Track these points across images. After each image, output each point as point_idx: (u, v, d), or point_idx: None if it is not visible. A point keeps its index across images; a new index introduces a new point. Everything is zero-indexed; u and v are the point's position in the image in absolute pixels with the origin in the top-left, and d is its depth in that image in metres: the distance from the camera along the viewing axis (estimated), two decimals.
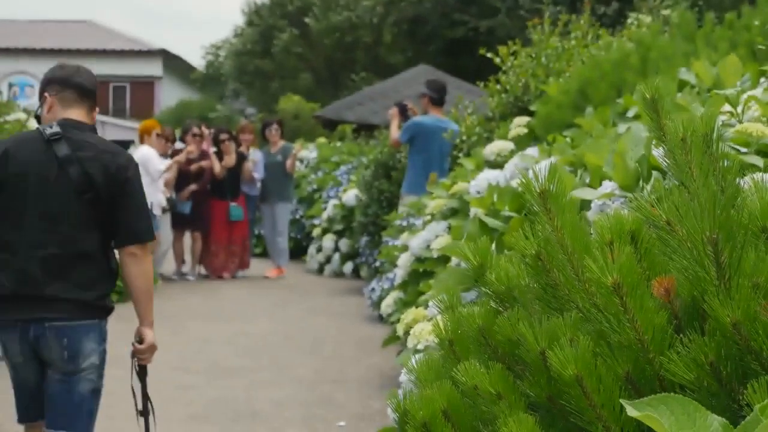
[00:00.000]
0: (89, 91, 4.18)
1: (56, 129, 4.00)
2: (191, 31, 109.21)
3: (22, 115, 13.34)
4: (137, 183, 4.09)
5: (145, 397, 4.29)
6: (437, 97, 10.18)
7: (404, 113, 10.86)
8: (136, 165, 4.19)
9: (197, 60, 47.86)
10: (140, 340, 4.17)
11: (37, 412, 4.08)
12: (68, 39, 40.62)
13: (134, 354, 4.18)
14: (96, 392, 4.07)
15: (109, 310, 4.10)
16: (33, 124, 13.31)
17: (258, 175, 13.83)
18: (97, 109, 4.28)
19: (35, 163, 3.98)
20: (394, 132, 10.57)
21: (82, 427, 4.03)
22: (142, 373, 4.27)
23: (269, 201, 14.07)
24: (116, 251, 4.10)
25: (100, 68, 39.79)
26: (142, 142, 12.38)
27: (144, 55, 40.65)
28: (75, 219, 3.96)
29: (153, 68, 40.73)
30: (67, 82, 4.15)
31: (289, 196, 14.46)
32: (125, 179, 4.00)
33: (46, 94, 4.15)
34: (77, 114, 4.11)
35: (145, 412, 4.31)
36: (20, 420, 4.16)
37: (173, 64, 42.47)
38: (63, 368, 3.95)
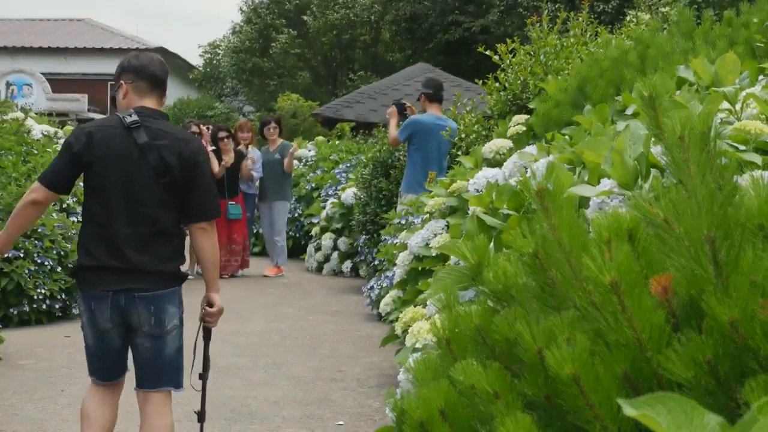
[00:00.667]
0: (161, 81, 4.64)
1: (135, 117, 4.44)
2: (188, 29, 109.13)
3: (19, 114, 13.33)
4: (206, 167, 4.62)
5: (206, 358, 4.78)
6: (434, 93, 10.22)
7: (402, 112, 10.92)
8: (206, 150, 4.75)
9: (195, 58, 47.84)
10: (210, 304, 4.65)
11: (114, 373, 4.57)
12: (66, 37, 40.57)
13: (203, 318, 4.67)
14: (180, 349, 4.53)
15: (184, 279, 4.58)
16: (30, 122, 13.31)
17: (257, 173, 13.81)
18: (167, 96, 4.71)
19: (118, 148, 4.41)
20: (393, 131, 10.61)
21: (177, 380, 4.52)
22: (207, 335, 4.79)
23: (267, 200, 14.07)
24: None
25: (97, 67, 39.87)
26: None
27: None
28: (155, 201, 4.42)
29: None
30: (142, 72, 4.58)
31: (288, 194, 14.45)
32: (196, 163, 4.46)
33: (121, 81, 4.59)
34: (150, 102, 4.56)
35: (204, 369, 4.79)
36: (99, 378, 4.55)
37: (171, 62, 42.35)
38: (151, 332, 4.41)
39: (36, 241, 9.58)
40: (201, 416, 4.91)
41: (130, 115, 4.44)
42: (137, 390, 4.57)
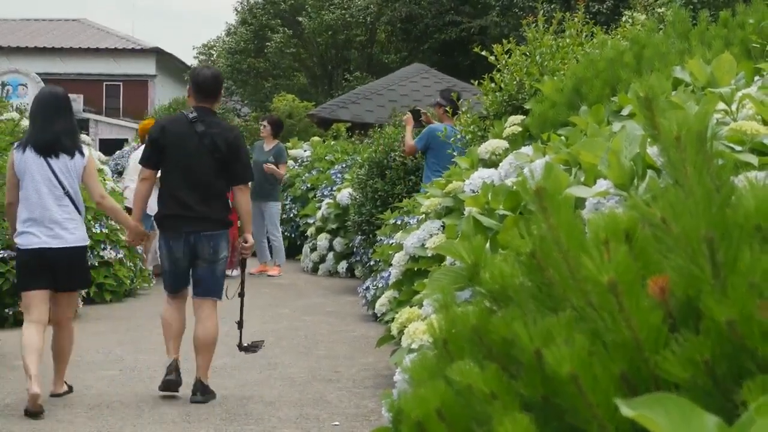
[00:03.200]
0: (211, 92, 6.87)
1: (195, 114, 6.74)
2: (184, 29, 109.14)
3: (15, 115, 13.30)
4: (244, 147, 6.98)
5: (243, 280, 7.20)
6: (453, 111, 10.36)
7: (418, 119, 11.17)
8: (242, 135, 7.20)
9: (190, 59, 47.80)
10: (245, 241, 7.01)
11: (181, 285, 6.85)
12: (61, 38, 40.55)
13: (240, 251, 7.15)
14: (223, 273, 6.88)
15: (231, 223, 7.08)
16: (25, 123, 13.29)
17: None
18: (221, 95, 7.13)
19: (183, 135, 6.69)
20: (409, 139, 10.89)
21: (219, 292, 6.83)
22: (243, 263, 7.39)
23: (258, 200, 14.01)
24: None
25: (93, 67, 39.88)
26: (142, 141, 12.31)
27: (137, 53, 40.59)
28: (209, 170, 6.68)
29: (146, 67, 40.68)
30: (198, 87, 6.86)
31: (278, 195, 14.43)
32: (237, 145, 6.80)
33: (189, 87, 7.15)
34: (206, 103, 6.85)
35: (242, 293, 7.11)
36: (172, 291, 6.85)
37: (167, 62, 42.40)
38: (209, 259, 6.70)
39: None
40: (240, 324, 7.12)
41: (192, 113, 6.76)
42: (194, 298, 6.76)
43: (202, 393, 6.50)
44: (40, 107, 6.57)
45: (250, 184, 13.69)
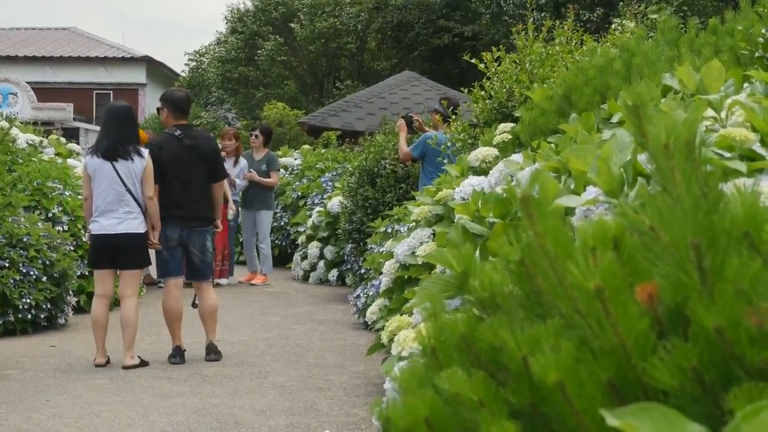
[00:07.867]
0: (186, 108, 8.52)
1: (180, 132, 8.27)
2: (175, 37, 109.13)
3: (4, 123, 13.27)
4: (219, 150, 8.82)
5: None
6: (448, 118, 10.40)
7: (410, 125, 11.18)
8: (216, 141, 9.15)
9: (180, 67, 47.75)
10: (215, 226, 8.56)
11: (178, 271, 8.30)
12: (51, 47, 40.50)
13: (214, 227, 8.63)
14: (212, 259, 8.67)
15: (214, 221, 8.53)
16: (15, 132, 13.26)
17: (240, 181, 13.77)
18: (189, 111, 8.79)
19: (176, 151, 8.20)
20: (403, 145, 10.97)
21: (209, 274, 8.54)
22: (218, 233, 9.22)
23: (252, 208, 14.05)
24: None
25: (83, 76, 39.86)
26: None
27: (128, 62, 40.56)
28: (199, 176, 8.25)
29: (137, 75, 40.66)
30: (176, 104, 8.41)
31: (271, 204, 14.46)
32: (216, 149, 8.60)
33: (165, 108, 8.43)
34: (183, 120, 8.48)
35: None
36: (168, 275, 8.27)
37: (157, 71, 42.39)
38: (199, 249, 8.30)
39: (21, 251, 9.53)
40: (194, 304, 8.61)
41: (176, 131, 8.26)
42: (193, 282, 8.46)
43: (215, 352, 8.26)
44: (103, 120, 8.26)
45: (240, 193, 13.94)
